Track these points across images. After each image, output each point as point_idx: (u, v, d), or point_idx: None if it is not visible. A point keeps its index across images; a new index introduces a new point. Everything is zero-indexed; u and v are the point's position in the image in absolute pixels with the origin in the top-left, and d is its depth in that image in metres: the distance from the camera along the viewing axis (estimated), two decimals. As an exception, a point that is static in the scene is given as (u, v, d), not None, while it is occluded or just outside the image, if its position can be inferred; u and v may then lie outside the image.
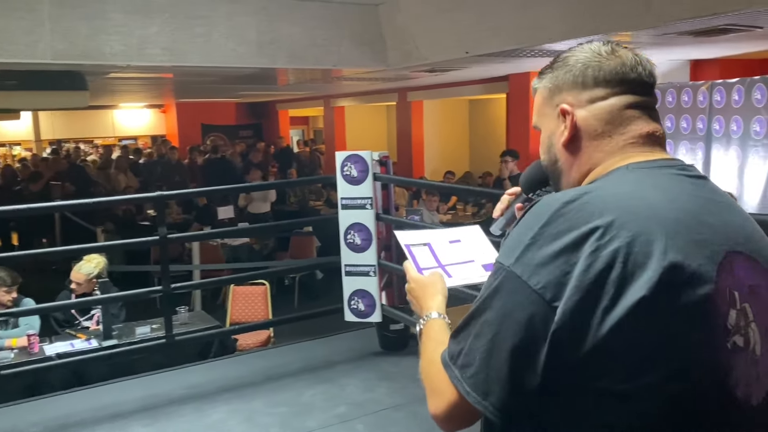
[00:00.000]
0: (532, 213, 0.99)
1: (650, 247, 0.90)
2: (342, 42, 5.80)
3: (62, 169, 10.37)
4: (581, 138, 1.07)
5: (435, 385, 1.04)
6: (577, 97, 1.07)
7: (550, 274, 0.91)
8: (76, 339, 4.24)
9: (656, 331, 0.88)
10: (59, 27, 4.57)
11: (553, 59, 1.12)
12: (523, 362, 0.92)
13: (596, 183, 1.02)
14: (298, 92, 12.45)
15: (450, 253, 1.46)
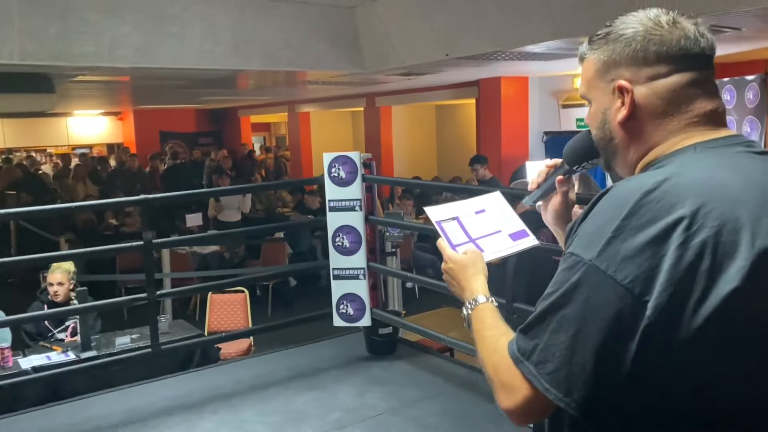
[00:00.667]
0: (609, 203, 0.95)
1: (738, 235, 0.88)
2: (318, 44, 5.73)
3: (17, 178, 9.95)
4: (641, 117, 1.03)
5: (506, 379, 1.01)
6: (636, 74, 1.02)
7: (639, 268, 0.88)
8: (51, 351, 4.04)
9: (751, 321, 0.87)
10: (27, 26, 4.37)
11: (607, 29, 1.06)
12: (609, 359, 0.90)
13: (670, 168, 0.98)
14: (261, 98, 12.29)
15: (478, 225, 1.44)
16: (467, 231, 1.41)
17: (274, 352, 4.67)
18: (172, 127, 15.42)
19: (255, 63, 5.42)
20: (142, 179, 10.97)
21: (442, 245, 1.35)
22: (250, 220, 9.46)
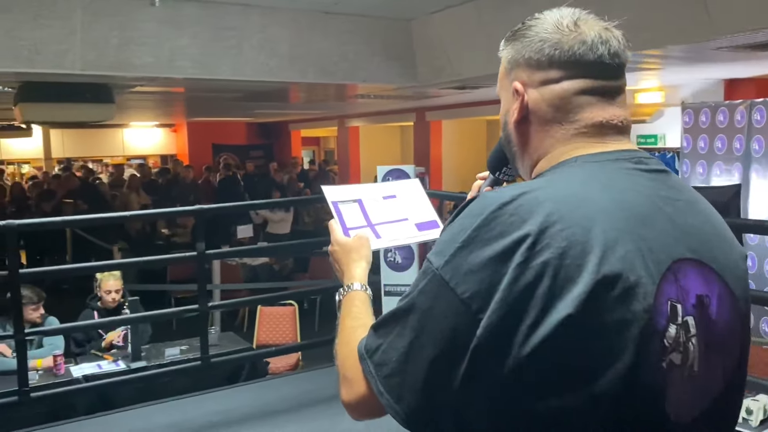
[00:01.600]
0: (468, 212, 0.90)
1: (584, 258, 0.81)
2: (373, 57, 5.68)
3: (74, 187, 10.21)
4: (531, 122, 0.99)
5: (350, 374, 1.00)
6: (530, 76, 0.97)
7: (479, 284, 0.83)
8: (102, 360, 4.04)
9: (582, 352, 0.81)
10: (90, 36, 4.44)
11: (519, 26, 1.00)
12: (439, 374, 0.86)
13: (539, 180, 0.94)
14: (312, 111, 12.36)
15: (382, 210, 1.39)
16: (367, 215, 1.36)
17: (322, 369, 4.57)
18: (225, 139, 15.66)
19: (310, 76, 5.39)
20: (195, 190, 11.12)
21: (332, 226, 1.31)
22: (298, 233, 9.48)
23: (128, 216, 5.75)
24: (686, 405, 0.87)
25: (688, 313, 0.86)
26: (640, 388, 0.82)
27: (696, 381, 0.87)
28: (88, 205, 9.49)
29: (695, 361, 0.86)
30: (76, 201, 9.70)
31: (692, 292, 0.87)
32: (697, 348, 0.86)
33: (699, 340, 0.87)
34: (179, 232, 9.77)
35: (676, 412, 0.85)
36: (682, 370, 0.85)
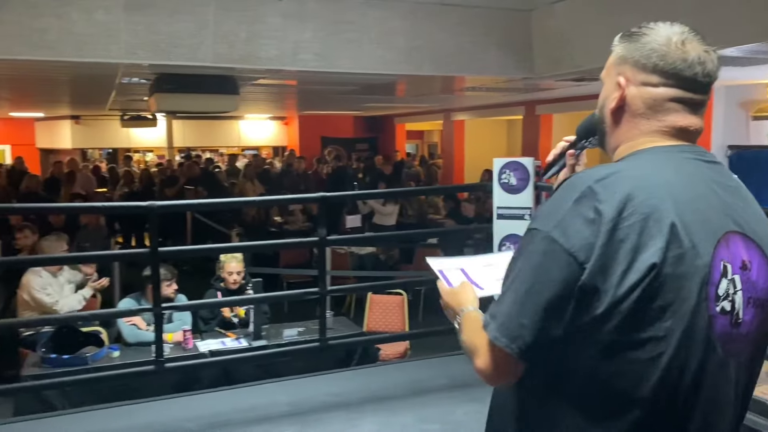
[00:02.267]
0: (569, 185, 1.14)
1: (661, 222, 1.07)
2: (489, 49, 5.61)
3: (195, 175, 10.82)
4: (625, 112, 1.22)
5: (475, 344, 1.19)
6: (634, 75, 1.20)
7: (583, 240, 1.07)
8: (226, 337, 4.27)
9: (662, 292, 1.06)
10: (221, 30, 4.68)
11: (637, 28, 1.22)
12: (553, 314, 1.09)
13: (624, 163, 1.19)
14: (419, 105, 12.41)
15: (483, 274, 1.53)
16: (469, 277, 1.49)
17: (431, 358, 4.60)
18: (332, 132, 16.04)
19: (425, 68, 5.41)
20: (306, 181, 11.48)
21: (439, 285, 1.47)
22: (403, 225, 9.56)
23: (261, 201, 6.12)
24: (732, 344, 1.13)
25: (735, 272, 1.12)
26: (700, 325, 1.09)
27: (740, 327, 1.13)
28: (207, 192, 10.02)
29: (740, 311, 1.13)
30: (197, 188, 10.27)
31: (738, 257, 1.13)
32: (742, 300, 1.13)
33: (743, 295, 1.13)
34: (290, 219, 10.13)
35: (725, 348, 1.12)
36: (731, 316, 1.12)
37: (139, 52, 4.54)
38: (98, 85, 6.84)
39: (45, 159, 15.07)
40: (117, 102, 9.76)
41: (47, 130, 15.09)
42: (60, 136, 14.82)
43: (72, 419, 3.50)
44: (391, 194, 8.31)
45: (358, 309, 7.33)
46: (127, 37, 4.46)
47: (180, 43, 4.65)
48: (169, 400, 3.74)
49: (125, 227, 9.78)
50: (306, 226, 9.79)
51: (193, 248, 4.31)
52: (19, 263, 4.87)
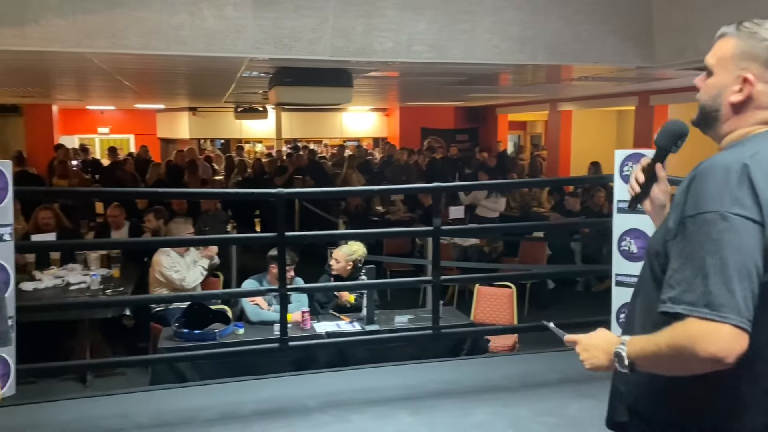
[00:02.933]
0: (716, 170, 1.27)
1: None
2: (606, 37, 5.44)
3: (303, 164, 11.19)
4: (748, 105, 1.37)
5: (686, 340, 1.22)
6: (763, 74, 1.35)
7: (757, 207, 1.23)
8: (340, 320, 4.42)
9: None
10: (339, 24, 4.81)
11: (757, 26, 1.35)
12: (757, 281, 1.22)
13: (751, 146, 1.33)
14: (523, 95, 12.17)
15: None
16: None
17: (542, 353, 4.56)
18: (433, 123, 16.06)
19: (540, 57, 5.32)
20: (407, 172, 11.59)
21: (567, 338, 1.56)
22: (506, 218, 9.46)
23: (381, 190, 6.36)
24: None
25: None
26: None
27: None
28: (314, 181, 10.34)
29: None
30: (304, 177, 10.62)
31: None
32: None
33: None
34: (392, 210, 10.27)
35: None
36: None
37: (263, 47, 4.76)
38: (220, 78, 7.22)
39: (165, 148, 16.09)
40: (232, 95, 10.25)
41: (167, 121, 16.10)
42: (179, 126, 15.78)
43: (202, 390, 3.76)
44: (506, 186, 8.26)
45: (460, 300, 7.35)
46: (253, 33, 4.69)
47: (301, 37, 4.83)
48: (289, 377, 3.94)
49: (238, 213, 10.28)
50: (407, 216, 9.89)
51: (317, 234, 4.49)
52: (157, 244, 5.26)
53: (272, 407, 3.54)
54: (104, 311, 4.78)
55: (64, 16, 4.29)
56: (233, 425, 3.33)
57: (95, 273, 5.36)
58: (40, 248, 5.34)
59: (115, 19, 4.44)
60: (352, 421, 3.40)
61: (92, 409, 3.50)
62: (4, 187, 3.02)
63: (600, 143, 13.06)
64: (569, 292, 8.14)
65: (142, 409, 3.48)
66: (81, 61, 5.59)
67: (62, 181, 9.99)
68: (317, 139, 17.36)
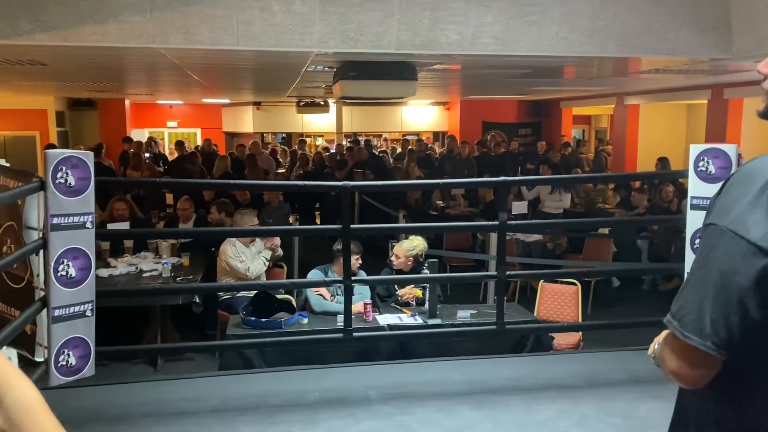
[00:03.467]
0: (744, 178, 1.14)
1: None
2: (680, 28, 5.25)
3: (363, 158, 11.27)
4: None
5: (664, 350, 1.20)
6: None
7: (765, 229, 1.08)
8: (402, 313, 4.45)
9: None
10: (405, 17, 4.82)
11: None
12: (744, 307, 1.09)
13: None
14: (589, 88, 11.88)
15: None
16: None
17: (608, 352, 4.47)
18: (494, 117, 15.88)
19: (609, 49, 5.19)
20: (468, 166, 11.51)
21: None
22: (571, 213, 9.27)
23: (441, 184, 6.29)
24: None
25: None
26: None
27: None
28: (374, 175, 10.40)
29: None
30: (365, 170, 10.69)
31: None
32: None
33: None
34: (452, 204, 10.23)
35: None
36: None
37: (330, 41, 4.81)
38: (286, 73, 7.35)
39: (230, 142, 16.50)
40: (295, 89, 10.41)
41: (232, 115, 16.51)
42: (243, 121, 16.16)
43: (269, 377, 3.86)
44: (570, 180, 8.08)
45: (521, 296, 7.26)
46: (320, 27, 4.75)
47: (367, 31, 4.86)
48: (351, 367, 3.99)
49: (300, 206, 10.45)
50: (467, 211, 9.83)
51: (381, 226, 4.52)
52: (224, 234, 5.43)
53: (335, 396, 3.59)
54: (175, 298, 4.96)
55: (142, 13, 4.45)
56: (298, 412, 3.40)
57: (166, 261, 5.56)
58: (115, 236, 5.57)
59: (188, 15, 4.58)
60: (414, 413, 3.42)
61: (165, 392, 3.64)
62: (87, 177, 3.17)
63: (668, 138, 12.62)
64: (635, 291, 7.92)
65: (213, 393, 3.60)
66: (155, 56, 5.79)
67: (135, 172, 10.39)
68: (377, 133, 17.43)
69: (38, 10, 4.36)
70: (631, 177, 10.31)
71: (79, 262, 3.18)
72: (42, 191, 3.06)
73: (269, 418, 3.34)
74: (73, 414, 3.25)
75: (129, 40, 4.60)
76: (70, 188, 3.09)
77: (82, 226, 3.21)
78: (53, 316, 3.13)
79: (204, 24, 4.63)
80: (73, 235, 3.16)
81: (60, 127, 14.22)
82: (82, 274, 3.21)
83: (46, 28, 4.39)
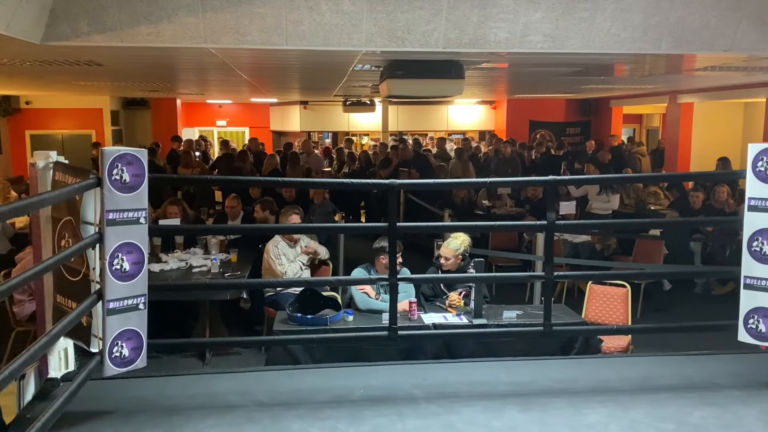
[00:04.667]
0: None
1: None
2: (739, 23, 5.07)
3: (408, 157, 11.26)
4: None
5: None
6: None
7: None
8: (447, 312, 4.42)
9: None
10: (453, 15, 4.79)
11: None
12: None
13: None
14: (642, 86, 11.59)
15: None
16: None
17: (660, 356, 4.34)
18: (542, 116, 15.68)
19: (664, 46, 5.04)
20: (513, 165, 11.38)
21: None
22: (620, 215, 9.08)
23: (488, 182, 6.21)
24: None
25: None
26: None
27: None
28: (419, 173, 10.38)
29: None
30: (410, 169, 10.69)
31: None
32: None
33: None
34: (498, 204, 10.14)
35: None
36: None
37: (377, 40, 4.82)
38: (333, 72, 7.40)
39: (277, 140, 16.74)
40: (342, 88, 10.49)
41: (280, 114, 16.75)
42: (290, 119, 16.37)
43: (315, 373, 3.89)
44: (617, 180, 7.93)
45: (568, 297, 7.14)
46: (368, 26, 4.76)
47: (414, 29, 4.85)
48: (396, 366, 3.99)
49: (346, 205, 10.52)
50: (514, 211, 9.72)
51: (427, 225, 4.51)
52: (270, 230, 5.50)
53: (381, 394, 3.59)
54: (223, 293, 5.05)
55: (194, 13, 4.55)
56: (345, 408, 3.41)
57: (215, 257, 5.67)
58: (167, 232, 5.71)
59: (239, 15, 4.66)
60: (460, 412, 3.39)
61: (214, 385, 3.71)
62: (142, 173, 3.25)
63: (723, 137, 12.23)
64: (687, 295, 7.70)
65: (260, 388, 3.65)
66: (205, 56, 5.91)
67: (186, 170, 10.64)
68: (423, 132, 17.41)
69: (96, 12, 4.50)
70: (685, 177, 10.01)
71: (132, 257, 3.27)
72: (98, 187, 3.15)
73: (316, 413, 3.37)
74: (126, 404, 3.34)
75: (182, 41, 4.70)
76: (125, 184, 3.17)
77: (136, 221, 3.29)
78: (108, 309, 3.22)
79: (254, 24, 4.70)
80: (128, 230, 3.25)
81: (115, 125, 14.68)
82: (136, 268, 3.29)
83: (103, 30, 4.53)
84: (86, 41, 4.62)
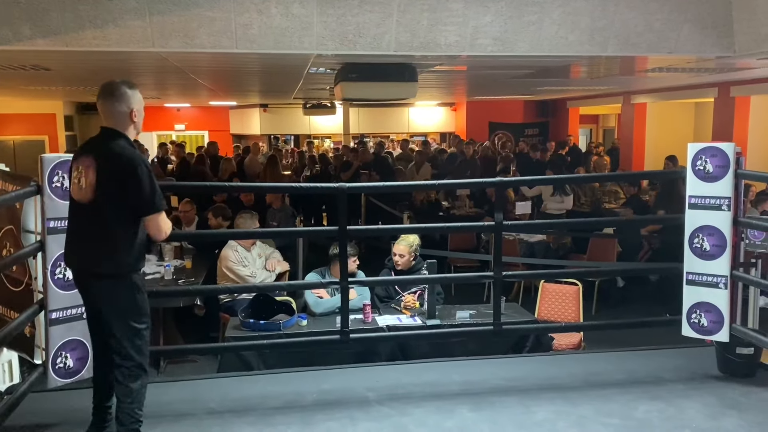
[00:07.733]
0: None
1: None
2: (682, 26, 5.22)
3: (369, 160, 11.27)
4: None
5: None
6: None
7: None
8: (401, 314, 4.44)
9: None
10: (404, 19, 4.82)
11: None
12: None
13: None
14: (596, 88, 11.83)
15: None
16: None
17: (608, 352, 4.44)
18: (501, 117, 15.86)
19: (610, 49, 5.16)
20: (472, 166, 11.48)
21: None
22: (575, 213, 9.24)
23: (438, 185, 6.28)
24: None
25: None
26: None
27: None
28: (379, 176, 10.39)
29: None
30: (370, 172, 10.69)
31: None
32: None
33: None
34: (457, 204, 10.22)
35: None
36: None
37: (328, 43, 4.82)
38: (288, 75, 7.37)
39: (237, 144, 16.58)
40: (300, 91, 10.44)
41: (239, 117, 16.59)
42: (250, 123, 16.24)
43: (267, 379, 3.87)
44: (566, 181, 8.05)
45: (525, 296, 7.24)
46: (318, 29, 4.76)
47: (365, 33, 4.87)
48: (350, 369, 3.99)
49: (306, 209, 10.47)
50: (473, 212, 9.81)
51: (377, 228, 4.52)
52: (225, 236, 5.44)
53: (333, 398, 3.59)
54: (176, 300, 4.99)
55: (141, 17, 4.48)
56: (296, 414, 3.40)
57: (169, 264, 5.59)
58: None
59: (187, 19, 4.61)
60: (412, 414, 3.42)
61: (164, 393, 3.65)
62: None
63: (676, 136, 12.54)
64: (641, 291, 7.88)
65: (211, 395, 3.61)
66: (158, 60, 5.83)
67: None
68: (384, 134, 17.46)
69: (38, 16, 4.40)
70: (631, 176, 10.25)
71: (76, 265, 3.20)
72: (39, 195, 3.09)
73: (267, 419, 3.35)
74: (72, 415, 3.26)
75: (129, 44, 4.63)
76: (66, 192, 3.11)
77: (80, 229, 3.23)
78: (51, 319, 3.16)
79: (203, 27, 4.66)
80: (71, 239, 3.18)
81: (69, 131, 14.34)
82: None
83: (46, 34, 4.44)
84: (29, 45, 4.51)
